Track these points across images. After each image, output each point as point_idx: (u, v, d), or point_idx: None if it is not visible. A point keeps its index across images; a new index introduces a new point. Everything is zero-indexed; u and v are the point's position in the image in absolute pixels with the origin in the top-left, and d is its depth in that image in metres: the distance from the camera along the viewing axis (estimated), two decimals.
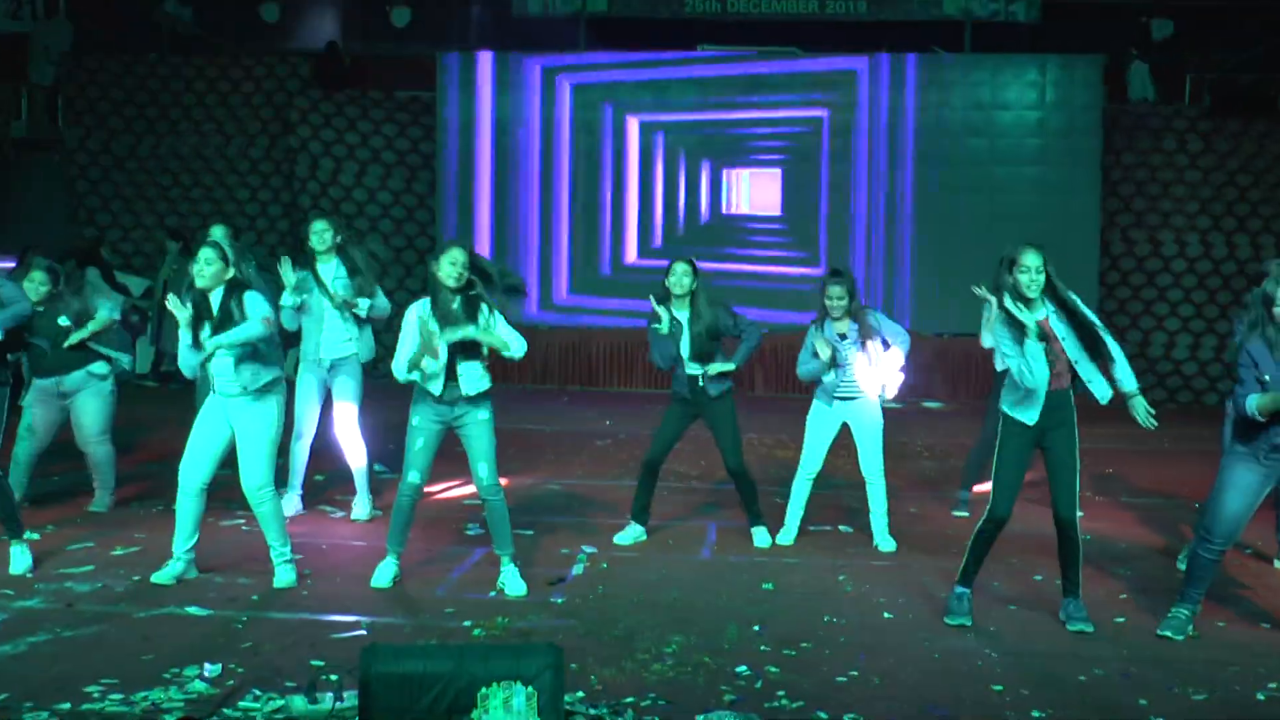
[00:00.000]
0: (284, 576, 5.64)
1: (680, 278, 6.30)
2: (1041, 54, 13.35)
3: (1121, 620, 5.34)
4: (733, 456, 6.43)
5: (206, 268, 5.50)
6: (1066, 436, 5.19)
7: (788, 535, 6.59)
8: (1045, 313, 5.11)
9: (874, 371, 6.41)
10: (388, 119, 14.11)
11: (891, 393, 6.47)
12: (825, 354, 6.31)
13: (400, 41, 14.46)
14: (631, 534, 6.59)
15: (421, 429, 5.53)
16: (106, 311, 6.86)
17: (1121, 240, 13.51)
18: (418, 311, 5.50)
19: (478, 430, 5.55)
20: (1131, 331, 13.52)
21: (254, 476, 5.55)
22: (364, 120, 14.06)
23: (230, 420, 5.57)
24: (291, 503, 6.96)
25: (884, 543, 6.54)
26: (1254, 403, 4.92)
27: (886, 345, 6.39)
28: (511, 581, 5.62)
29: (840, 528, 6.93)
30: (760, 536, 6.55)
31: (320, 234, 6.80)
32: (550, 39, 14.08)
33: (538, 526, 6.88)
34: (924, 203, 13.39)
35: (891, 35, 13.72)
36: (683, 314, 6.36)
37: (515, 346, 5.50)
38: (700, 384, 6.37)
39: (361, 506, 7.02)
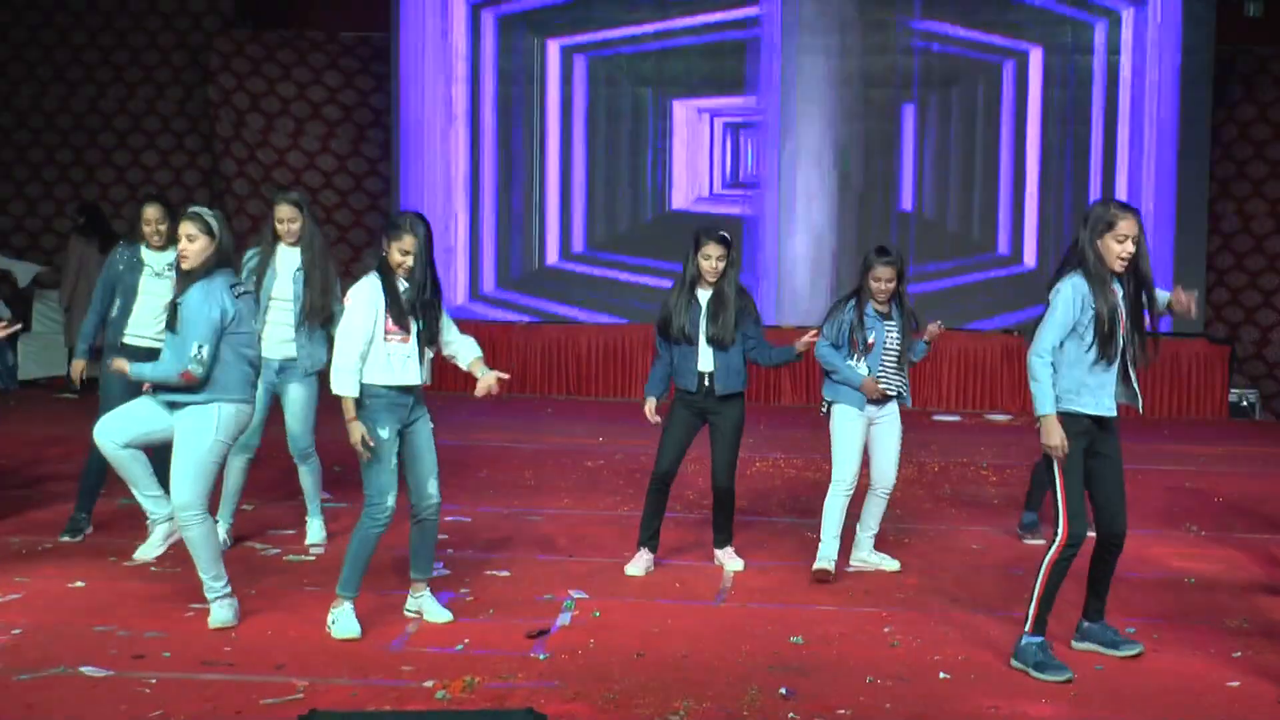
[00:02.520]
0: (219, 614, 5.76)
1: (716, 264, 6.63)
2: None
3: (1235, 685, 5.34)
4: (726, 472, 6.76)
5: (190, 244, 5.66)
6: (1116, 440, 5.45)
7: (827, 558, 6.72)
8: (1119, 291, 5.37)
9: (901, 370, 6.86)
10: (331, 65, 14.12)
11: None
12: (872, 391, 6.72)
13: None
14: (642, 563, 6.79)
15: (392, 441, 5.72)
16: None
17: (1236, 214, 13.51)
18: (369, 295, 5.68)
19: (427, 436, 5.85)
20: (1246, 328, 13.53)
21: (182, 493, 5.66)
22: (301, 66, 14.07)
23: (170, 422, 5.75)
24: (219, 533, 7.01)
25: (884, 560, 6.94)
26: None
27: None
28: (432, 607, 5.90)
29: (884, 566, 6.95)
30: (730, 560, 6.87)
31: (285, 222, 6.98)
32: None
33: (515, 566, 6.89)
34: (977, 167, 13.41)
35: None
36: (704, 293, 6.69)
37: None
38: (708, 383, 6.67)
39: (315, 530, 7.23)
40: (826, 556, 6.74)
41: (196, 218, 5.71)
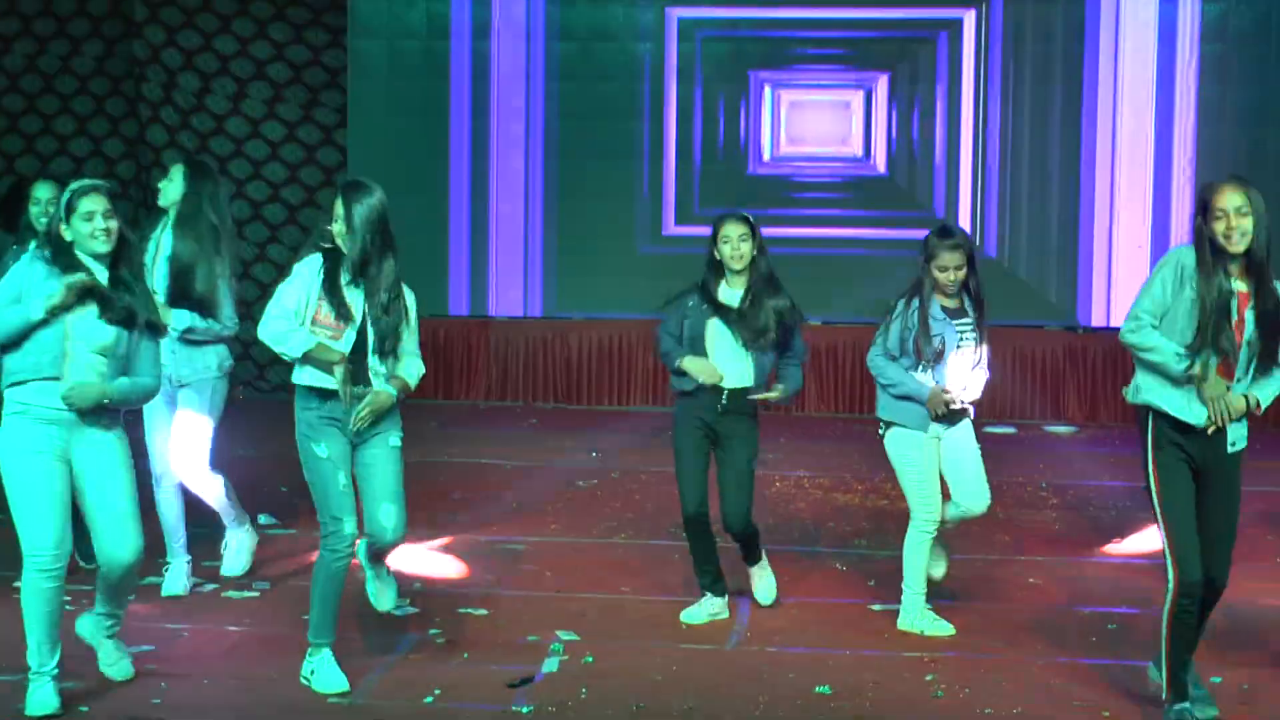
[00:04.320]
0: (125, 665, 5.75)
1: (738, 244, 6.49)
2: None
3: None
4: (739, 510, 6.63)
5: (112, 222, 5.36)
6: (1235, 475, 5.31)
7: (914, 616, 6.55)
8: (1246, 285, 5.29)
9: (978, 374, 6.66)
10: (277, 16, 14.09)
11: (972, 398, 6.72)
12: (939, 405, 6.48)
13: None
14: (706, 610, 6.73)
15: (337, 459, 5.62)
16: None
17: None
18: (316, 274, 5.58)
19: (388, 458, 5.70)
20: None
21: (138, 536, 5.47)
22: (242, 18, 14.05)
23: (73, 456, 5.40)
24: (180, 577, 6.99)
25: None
26: None
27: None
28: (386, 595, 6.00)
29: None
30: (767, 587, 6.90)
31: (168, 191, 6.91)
32: None
33: (494, 604, 6.89)
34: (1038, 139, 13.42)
35: None
36: (733, 294, 6.58)
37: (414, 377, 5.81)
38: (725, 401, 6.53)
39: (237, 557, 7.17)
40: (914, 614, 6.54)
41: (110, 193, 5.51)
